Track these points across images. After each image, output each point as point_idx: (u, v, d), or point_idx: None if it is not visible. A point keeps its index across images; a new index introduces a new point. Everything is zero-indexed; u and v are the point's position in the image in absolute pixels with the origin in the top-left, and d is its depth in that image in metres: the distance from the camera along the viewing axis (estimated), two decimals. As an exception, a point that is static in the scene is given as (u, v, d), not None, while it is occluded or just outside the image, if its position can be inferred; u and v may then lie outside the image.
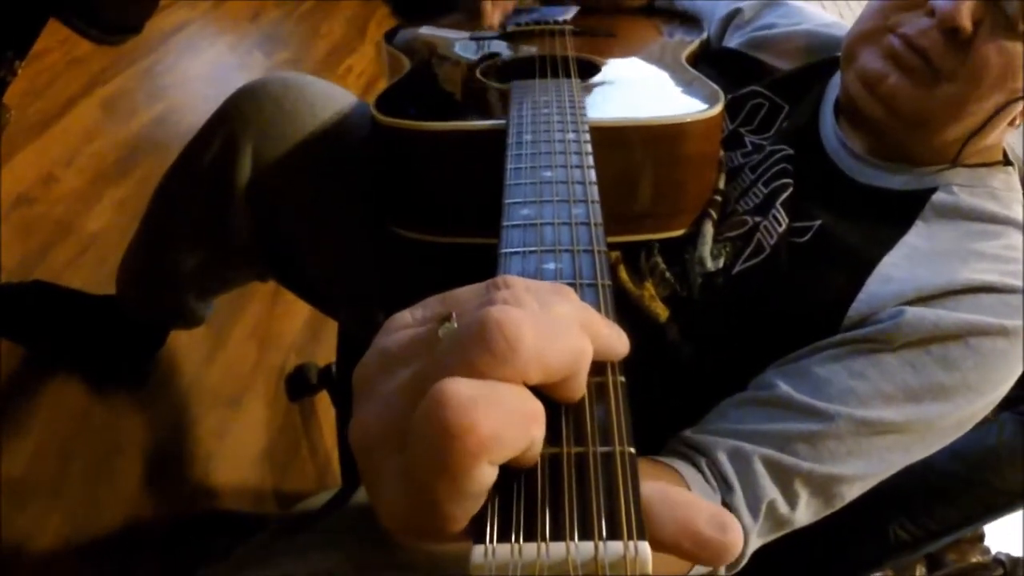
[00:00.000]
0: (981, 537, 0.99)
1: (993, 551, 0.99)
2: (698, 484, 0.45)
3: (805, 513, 0.47)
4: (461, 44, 0.68)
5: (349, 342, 0.84)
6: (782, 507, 0.46)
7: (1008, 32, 0.48)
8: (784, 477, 0.46)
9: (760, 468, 0.45)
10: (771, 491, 0.46)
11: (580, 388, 0.22)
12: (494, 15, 0.69)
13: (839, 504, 0.48)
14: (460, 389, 0.19)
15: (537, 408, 0.20)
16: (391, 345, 0.22)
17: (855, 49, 0.54)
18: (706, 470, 0.46)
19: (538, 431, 0.20)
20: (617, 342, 0.24)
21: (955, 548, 0.95)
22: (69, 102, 1.09)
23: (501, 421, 0.19)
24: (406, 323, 0.23)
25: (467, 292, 0.23)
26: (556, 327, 0.21)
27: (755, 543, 0.47)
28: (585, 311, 0.23)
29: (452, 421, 0.18)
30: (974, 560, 0.97)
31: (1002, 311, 0.47)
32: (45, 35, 0.73)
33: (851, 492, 0.47)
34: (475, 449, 0.18)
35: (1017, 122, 0.53)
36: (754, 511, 0.46)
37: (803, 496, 0.46)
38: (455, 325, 0.21)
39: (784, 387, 0.47)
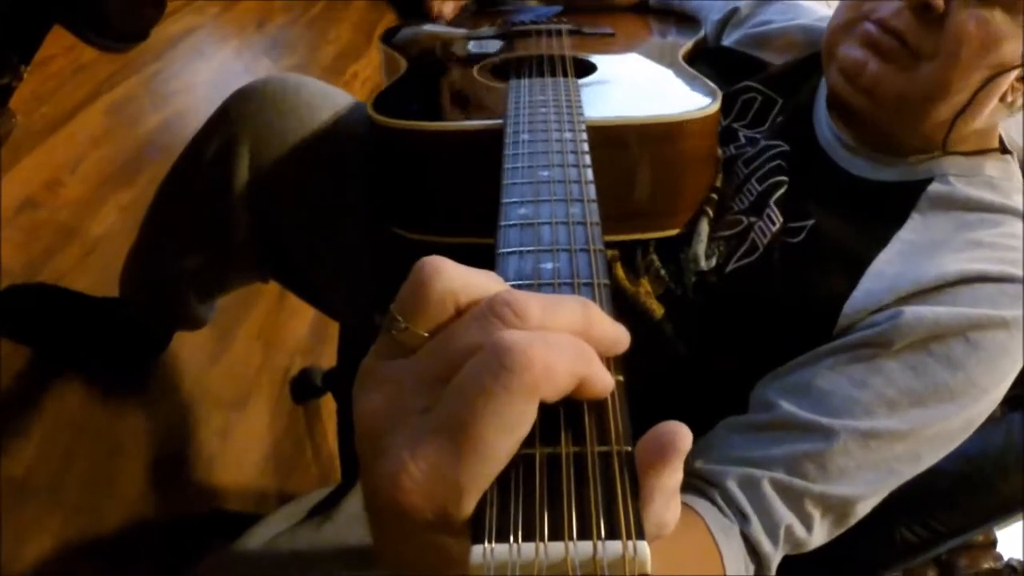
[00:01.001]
0: (993, 543, 0.98)
1: (1005, 557, 0.98)
2: (714, 518, 0.44)
3: (820, 533, 0.47)
4: (459, 44, 0.69)
5: (350, 344, 0.84)
6: (799, 531, 0.46)
7: (983, 1, 0.47)
8: (796, 500, 0.45)
9: (771, 493, 0.45)
10: (787, 516, 0.45)
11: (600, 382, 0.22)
12: (442, 6, 0.69)
13: (852, 522, 0.47)
14: (516, 335, 0.20)
15: (588, 350, 0.21)
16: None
17: (833, 43, 0.54)
18: (720, 503, 0.46)
19: (585, 367, 0.21)
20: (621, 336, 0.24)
21: (967, 553, 0.95)
22: (75, 108, 1.10)
23: (554, 357, 0.20)
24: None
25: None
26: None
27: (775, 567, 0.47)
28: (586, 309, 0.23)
29: (510, 357, 0.19)
30: (986, 566, 0.96)
31: (1001, 301, 0.46)
32: (51, 42, 0.74)
33: (864, 509, 0.47)
34: (531, 382, 0.19)
35: (1009, 99, 0.51)
36: (773, 538, 0.45)
37: (816, 516, 0.46)
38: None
39: (786, 406, 0.47)
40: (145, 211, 0.74)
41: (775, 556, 0.46)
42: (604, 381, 0.22)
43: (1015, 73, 0.49)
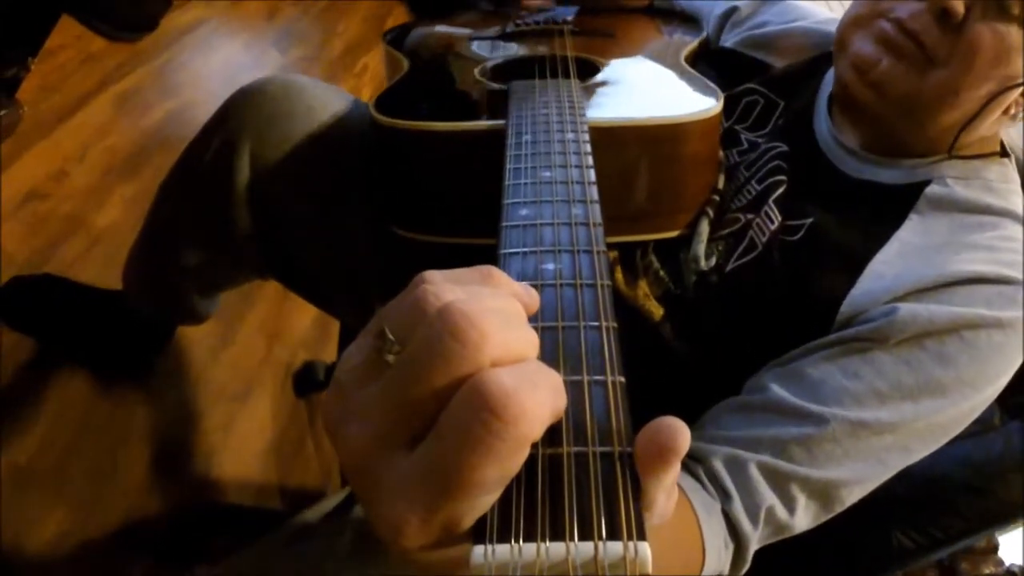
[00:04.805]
0: (995, 548, 0.98)
1: (1007, 563, 0.98)
2: (698, 494, 0.45)
3: (804, 518, 0.47)
4: (462, 44, 0.68)
5: (352, 340, 0.84)
6: (780, 513, 0.46)
7: (1001, 15, 0.47)
8: (781, 483, 0.46)
9: (756, 475, 0.45)
10: (769, 497, 0.45)
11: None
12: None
13: (838, 508, 0.47)
14: (503, 378, 0.19)
15: (560, 380, 0.21)
16: (345, 374, 0.22)
17: (847, 35, 0.54)
18: (704, 479, 0.46)
19: (563, 402, 0.22)
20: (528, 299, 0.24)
21: (968, 558, 0.95)
22: (82, 98, 1.10)
23: (542, 400, 0.20)
24: (351, 354, 0.23)
25: (393, 302, 0.23)
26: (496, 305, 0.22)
27: (755, 548, 0.47)
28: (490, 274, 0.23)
29: (503, 408, 0.19)
30: (987, 571, 0.96)
31: (997, 302, 0.46)
32: (60, 32, 0.74)
33: (850, 496, 0.47)
34: (527, 431, 0.19)
35: (1012, 111, 0.52)
36: (753, 518, 0.45)
37: (800, 501, 0.46)
38: (391, 337, 0.21)
39: (778, 390, 0.47)
40: (149, 205, 0.74)
41: (755, 536, 0.46)
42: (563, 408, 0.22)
43: (1022, 88, 0.49)
